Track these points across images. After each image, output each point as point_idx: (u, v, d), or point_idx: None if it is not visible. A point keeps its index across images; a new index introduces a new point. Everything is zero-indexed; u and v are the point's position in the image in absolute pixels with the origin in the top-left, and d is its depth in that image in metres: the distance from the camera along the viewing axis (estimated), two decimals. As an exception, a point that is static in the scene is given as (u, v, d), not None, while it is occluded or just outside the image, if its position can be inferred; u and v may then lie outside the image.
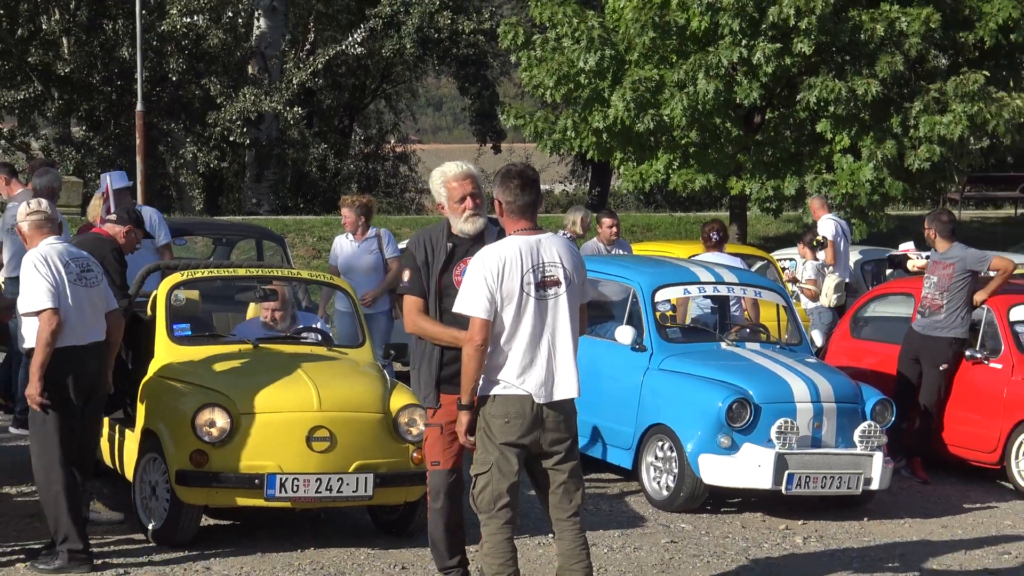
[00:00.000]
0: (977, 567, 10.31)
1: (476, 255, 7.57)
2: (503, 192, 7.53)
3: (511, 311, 7.33)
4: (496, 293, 7.24)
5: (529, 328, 7.37)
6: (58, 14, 33.30)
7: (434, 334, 7.87)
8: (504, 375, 7.41)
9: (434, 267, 7.90)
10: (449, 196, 7.96)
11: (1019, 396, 13.09)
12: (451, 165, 8.18)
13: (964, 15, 24.39)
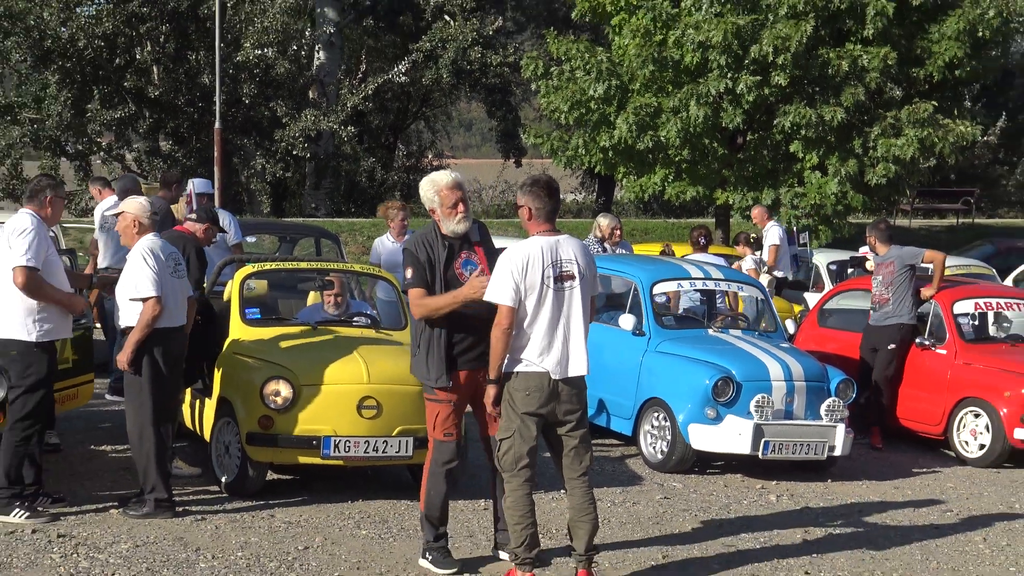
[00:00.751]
0: (924, 523, 10.28)
1: (504, 252, 7.69)
2: (532, 199, 7.61)
3: (533, 300, 7.44)
4: (521, 284, 7.36)
5: (548, 315, 7.49)
6: (150, 46, 33.32)
7: (440, 304, 7.81)
8: (526, 355, 7.53)
9: (437, 265, 7.89)
10: (442, 202, 7.93)
11: (961, 378, 13.16)
12: (442, 175, 8.24)
13: (916, 53, 24.38)
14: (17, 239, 8.62)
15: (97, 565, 7.99)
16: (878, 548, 9.36)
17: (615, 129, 24.14)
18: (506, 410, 7.66)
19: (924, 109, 23.76)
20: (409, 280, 7.87)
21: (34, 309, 8.75)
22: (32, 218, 8.87)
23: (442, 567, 8.08)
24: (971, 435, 12.92)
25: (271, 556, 8.34)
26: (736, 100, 23.48)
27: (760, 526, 9.86)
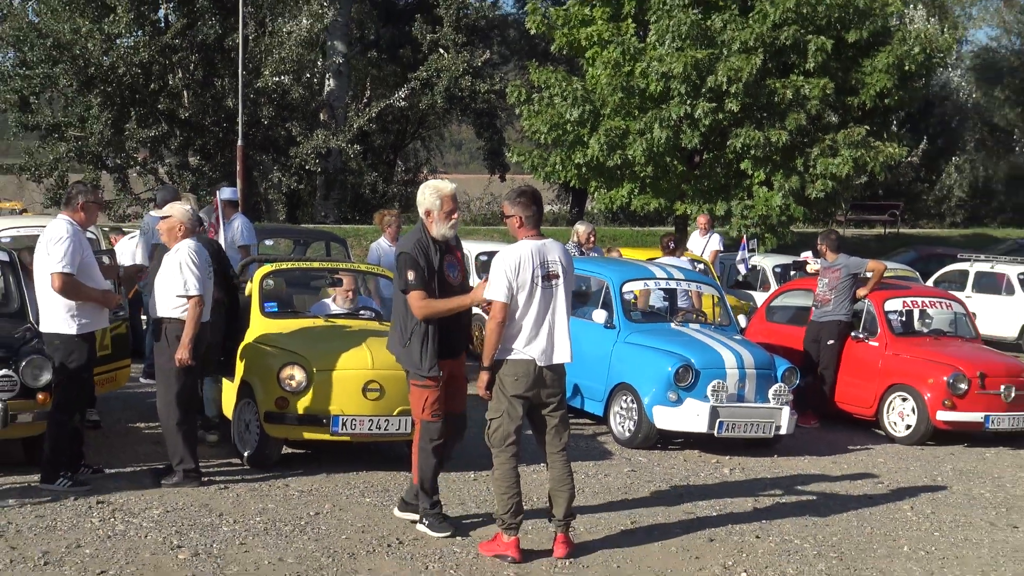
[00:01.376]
0: (859, 493, 10.26)
1: (498, 255, 7.72)
2: (520, 209, 7.65)
3: (524, 296, 7.49)
4: (514, 282, 7.43)
5: (536, 309, 7.55)
6: (181, 73, 33.23)
7: (446, 307, 7.88)
8: (515, 344, 7.58)
9: (435, 268, 7.90)
10: (442, 207, 7.93)
11: (890, 367, 13.19)
12: (445, 183, 8.24)
13: (851, 84, 24.45)
14: (54, 247, 8.57)
15: (132, 528, 7.96)
16: (819, 515, 9.34)
17: (588, 148, 24.20)
18: (496, 393, 7.68)
19: (857, 133, 23.86)
20: (412, 283, 7.79)
21: (73, 306, 8.72)
22: (68, 224, 8.79)
23: (438, 531, 8.05)
24: (899, 416, 12.94)
25: (286, 520, 8.31)
26: (694, 124, 23.52)
27: (716, 495, 9.84)
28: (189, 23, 32.88)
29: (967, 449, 12.61)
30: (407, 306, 7.90)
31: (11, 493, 8.59)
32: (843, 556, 8.23)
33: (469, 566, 7.52)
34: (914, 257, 26.21)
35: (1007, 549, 8.69)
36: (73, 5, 32.40)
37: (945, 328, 14.41)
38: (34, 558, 7.23)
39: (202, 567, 7.23)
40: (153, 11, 33.33)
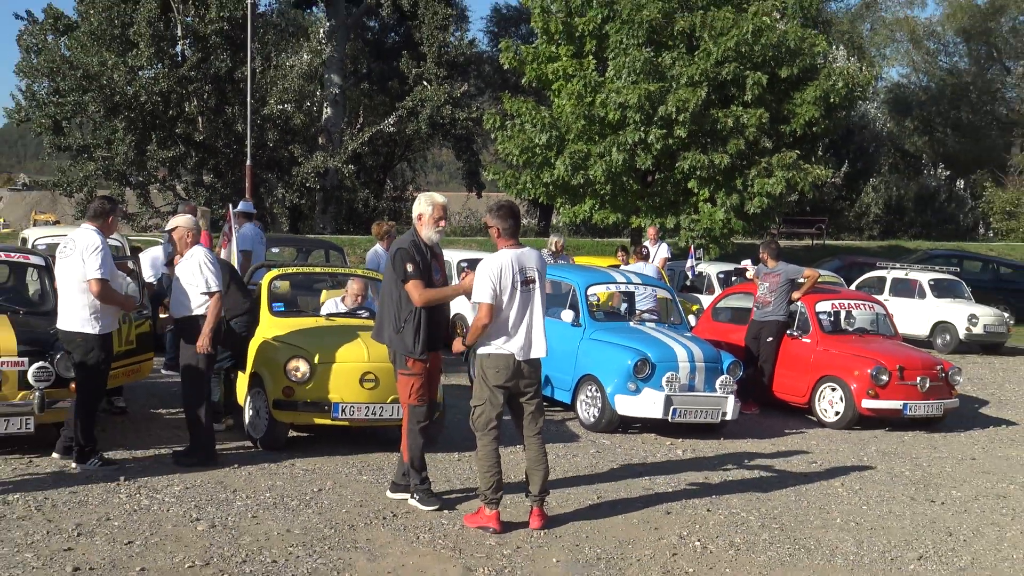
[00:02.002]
0: (795, 471, 10.26)
1: (482, 263, 7.77)
2: (500, 221, 7.72)
3: (505, 298, 7.54)
4: (497, 286, 7.47)
5: (515, 310, 7.59)
6: (196, 101, 33.12)
7: (444, 294, 8.07)
8: (497, 340, 7.61)
9: (427, 265, 7.95)
10: (433, 213, 8.03)
11: (821, 361, 13.22)
12: (437, 195, 8.32)
13: (783, 114, 24.50)
14: (91, 256, 8.47)
15: (155, 503, 7.90)
16: (762, 491, 9.33)
17: (555, 169, 24.17)
18: (479, 383, 7.71)
19: (789, 156, 23.92)
20: (411, 273, 7.81)
21: (97, 308, 8.60)
22: (98, 234, 8.69)
23: (427, 505, 8.03)
24: (829, 404, 12.97)
25: (292, 496, 8.26)
26: (647, 148, 23.52)
27: (670, 473, 9.81)
28: (203, 57, 32.77)
29: (888, 433, 12.64)
30: (402, 296, 7.90)
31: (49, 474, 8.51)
32: (783, 527, 8.21)
33: (455, 536, 7.47)
34: (838, 265, 26.33)
35: (926, 520, 8.69)
36: (100, 40, 32.26)
37: (868, 327, 14.46)
38: (68, 529, 7.17)
39: (218, 537, 7.17)
40: (171, 46, 33.18)
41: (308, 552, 6.98)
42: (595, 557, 7.22)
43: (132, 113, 32.28)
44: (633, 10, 23.81)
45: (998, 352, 21.72)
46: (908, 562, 7.55)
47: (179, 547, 6.94)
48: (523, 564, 6.99)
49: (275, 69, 34.54)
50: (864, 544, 7.90)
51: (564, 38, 25.01)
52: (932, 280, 22.73)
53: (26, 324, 8.93)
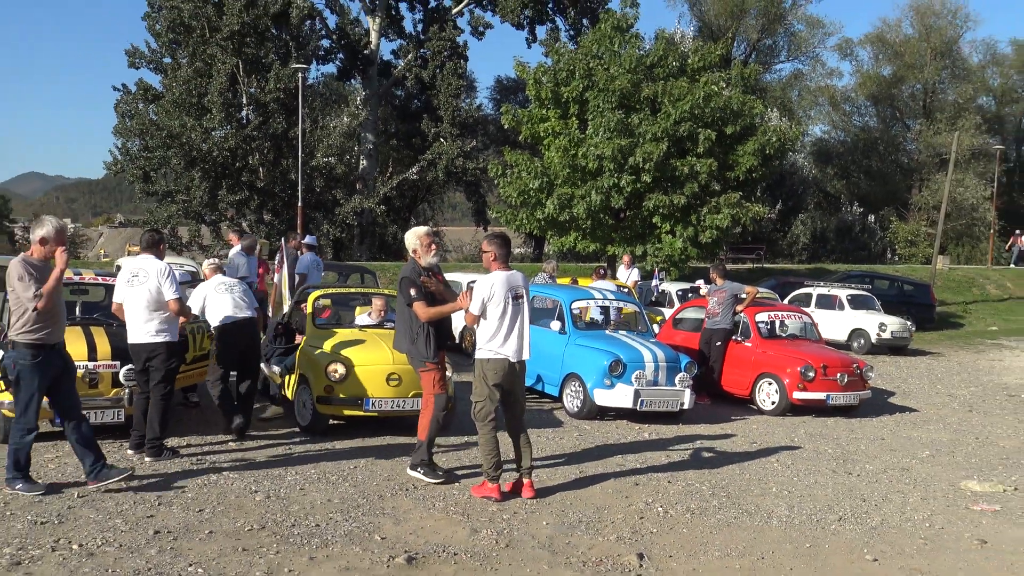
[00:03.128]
0: (739, 450, 10.19)
1: (478, 282, 7.68)
2: (496, 248, 7.72)
3: (499, 311, 7.53)
4: (488, 302, 7.49)
5: (508, 321, 7.56)
6: (257, 155, 33.18)
7: (442, 310, 7.95)
8: (495, 346, 7.54)
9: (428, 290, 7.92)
10: (421, 243, 8.02)
11: (760, 360, 13.18)
12: (421, 228, 8.25)
13: (729, 163, 24.57)
14: (166, 281, 8.29)
15: (221, 478, 7.86)
16: (713, 466, 9.26)
17: (545, 208, 24.28)
18: (480, 383, 7.62)
19: (734, 197, 24.03)
20: (414, 296, 7.85)
21: (169, 320, 8.36)
22: (160, 260, 8.47)
23: (432, 477, 7.99)
24: (767, 396, 12.91)
25: (333, 472, 8.20)
26: (620, 191, 23.59)
27: (638, 451, 9.75)
28: (263, 120, 32.82)
29: (814, 419, 12.56)
30: (412, 314, 7.87)
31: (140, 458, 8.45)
32: (729, 495, 8.14)
33: (464, 504, 7.41)
34: (774, 284, 26.22)
35: (844, 489, 8.62)
36: (181, 107, 32.32)
37: (798, 333, 14.41)
38: (150, 500, 7.13)
39: (272, 506, 7.12)
40: (238, 111, 33.25)
41: (345, 517, 6.92)
42: (577, 520, 7.16)
43: (206, 165, 32.34)
44: (607, 81, 23.93)
45: (903, 353, 21.66)
46: (830, 523, 7.48)
47: (240, 514, 6.89)
48: (519, 526, 6.94)
49: (321, 129, 34.61)
50: (795, 508, 7.83)
51: (552, 103, 25.13)
52: (849, 295, 22.70)
53: (117, 335, 8.90)
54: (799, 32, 55.63)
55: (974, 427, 12.52)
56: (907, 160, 56.16)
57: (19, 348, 6.94)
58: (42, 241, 7.04)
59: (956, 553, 6.91)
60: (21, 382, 6.98)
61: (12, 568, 5.66)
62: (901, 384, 16.52)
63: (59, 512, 6.73)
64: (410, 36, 41.55)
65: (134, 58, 34.96)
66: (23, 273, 6.91)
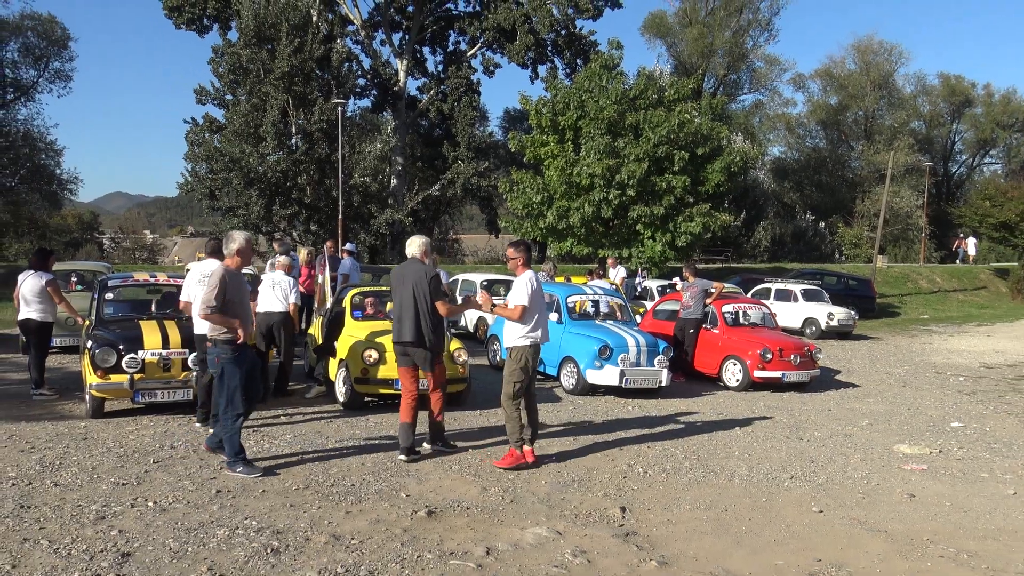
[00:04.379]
0: (707, 419, 10.16)
1: (519, 279, 7.44)
2: (523, 253, 7.59)
3: (537, 302, 7.44)
4: (529, 293, 7.38)
5: (540, 310, 7.48)
6: (305, 176, 33.16)
7: (462, 309, 8.03)
8: (533, 333, 7.42)
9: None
10: (424, 251, 7.60)
11: (726, 344, 13.11)
12: (424, 237, 7.73)
13: (700, 179, 24.50)
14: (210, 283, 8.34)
15: (273, 446, 7.86)
16: (685, 434, 9.24)
17: (546, 218, 24.21)
18: (518, 366, 7.34)
19: (704, 207, 23.96)
20: (443, 293, 7.61)
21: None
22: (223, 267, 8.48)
23: (451, 449, 7.92)
24: (731, 375, 12.85)
25: (366, 441, 8.21)
26: (608, 203, 23.55)
27: (623, 422, 9.73)
28: (309, 146, 32.80)
29: (772, 394, 12.52)
30: (432, 308, 7.40)
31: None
32: (700, 458, 8.12)
33: (476, 467, 7.42)
34: (739, 280, 26.11)
35: (795, 452, 8.60)
36: (240, 136, 32.33)
37: (758, 322, 14.32)
38: (213, 465, 7.13)
39: (315, 469, 7.13)
40: (288, 139, 33.20)
41: (376, 478, 6.92)
42: (570, 479, 7.15)
43: (262, 185, 32.31)
44: (597, 111, 23.89)
45: (848, 338, 21.55)
46: (783, 481, 7.46)
47: (288, 475, 6.90)
48: (522, 485, 6.93)
49: (358, 153, 34.59)
50: (754, 468, 7.81)
51: (551, 130, 25.08)
52: (802, 289, 22.58)
53: (186, 327, 8.93)
54: (759, 68, 55.56)
55: (907, 400, 12.46)
56: (851, 175, 55.95)
57: (220, 345, 6.77)
58: (238, 252, 6.93)
59: (889, 505, 6.89)
60: (225, 375, 6.80)
61: (98, 521, 5.69)
62: (846, 364, 16.44)
63: (137, 475, 6.76)
64: (432, 75, 41.59)
65: (201, 95, 35.02)
66: (218, 284, 6.76)
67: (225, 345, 6.76)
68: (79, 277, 15.25)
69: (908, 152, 50.34)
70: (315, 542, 5.43)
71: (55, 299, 10.13)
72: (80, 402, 9.55)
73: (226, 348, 6.76)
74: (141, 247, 68.59)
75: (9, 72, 38.02)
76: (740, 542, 5.83)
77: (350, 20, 39.97)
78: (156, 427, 8.46)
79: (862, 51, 56.21)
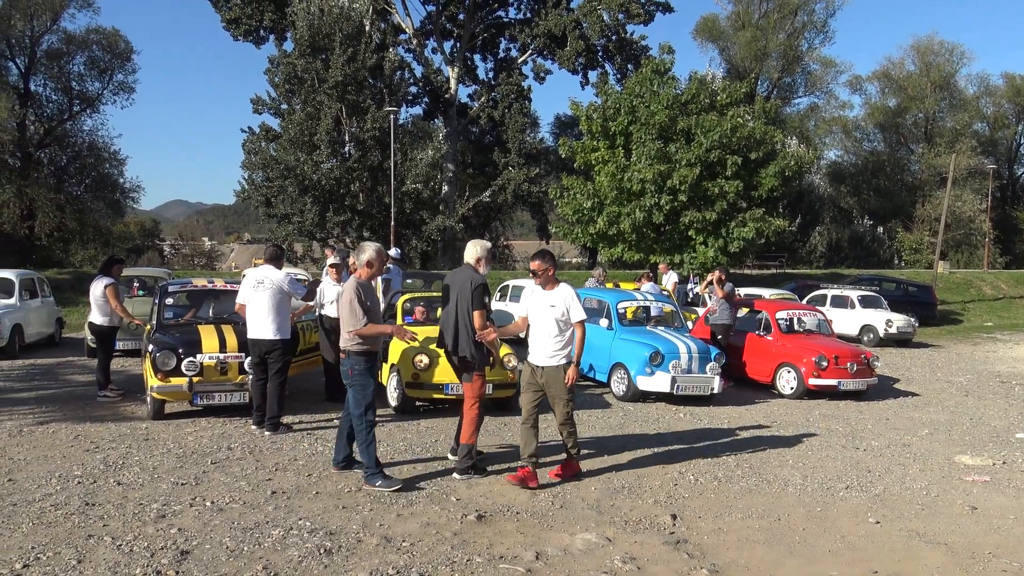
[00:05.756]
0: (761, 428, 10.01)
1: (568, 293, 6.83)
2: (552, 263, 6.91)
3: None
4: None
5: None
6: (358, 183, 33.62)
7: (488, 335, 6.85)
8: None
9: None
10: (485, 257, 7.05)
11: (780, 351, 12.94)
12: (482, 242, 7.18)
13: (753, 184, 24.11)
14: (291, 288, 8.55)
15: (327, 448, 7.94)
16: (738, 441, 9.14)
17: (597, 224, 24.10)
18: (569, 387, 6.85)
19: (758, 213, 23.56)
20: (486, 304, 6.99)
21: (285, 320, 8.54)
22: (280, 271, 8.67)
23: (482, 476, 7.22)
24: (786, 382, 12.66)
25: (418, 445, 8.27)
26: (660, 209, 23.34)
27: (675, 429, 9.66)
28: (362, 154, 33.25)
29: (827, 402, 12.30)
30: (471, 321, 6.90)
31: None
32: (752, 466, 8.02)
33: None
34: (794, 287, 25.72)
35: (852, 462, 8.43)
36: (295, 144, 32.93)
37: (813, 328, 14.11)
38: (269, 466, 7.28)
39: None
40: (341, 147, 33.71)
41: (427, 482, 6.97)
42: (620, 486, 7.12)
43: (316, 192, 32.83)
44: (648, 116, 23.75)
45: (907, 346, 21.06)
46: (839, 490, 7.33)
47: (341, 478, 6.99)
48: (571, 490, 6.93)
49: (410, 161, 34.90)
50: (808, 478, 7.69)
51: (602, 136, 24.99)
52: (859, 296, 22.18)
53: (242, 332, 9.13)
54: (814, 71, 54.67)
55: (969, 409, 12.13)
56: (911, 179, 54.70)
57: (353, 357, 6.68)
58: (368, 264, 6.84)
59: (949, 517, 6.72)
60: (359, 386, 6.72)
61: (158, 519, 5.86)
62: (905, 372, 16.06)
63: (196, 476, 6.94)
64: (483, 82, 41.87)
65: (257, 105, 35.78)
66: (354, 297, 6.62)
67: (359, 357, 6.67)
68: (141, 283, 15.72)
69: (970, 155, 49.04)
70: (367, 543, 5.50)
71: (111, 303, 10.43)
72: (142, 404, 9.83)
73: (360, 360, 6.68)
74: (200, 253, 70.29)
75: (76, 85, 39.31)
76: (793, 552, 5.74)
77: (402, 29, 40.47)
78: (214, 429, 8.66)
79: (922, 52, 54.93)
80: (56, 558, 5.09)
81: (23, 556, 5.11)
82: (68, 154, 39.55)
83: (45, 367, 13.25)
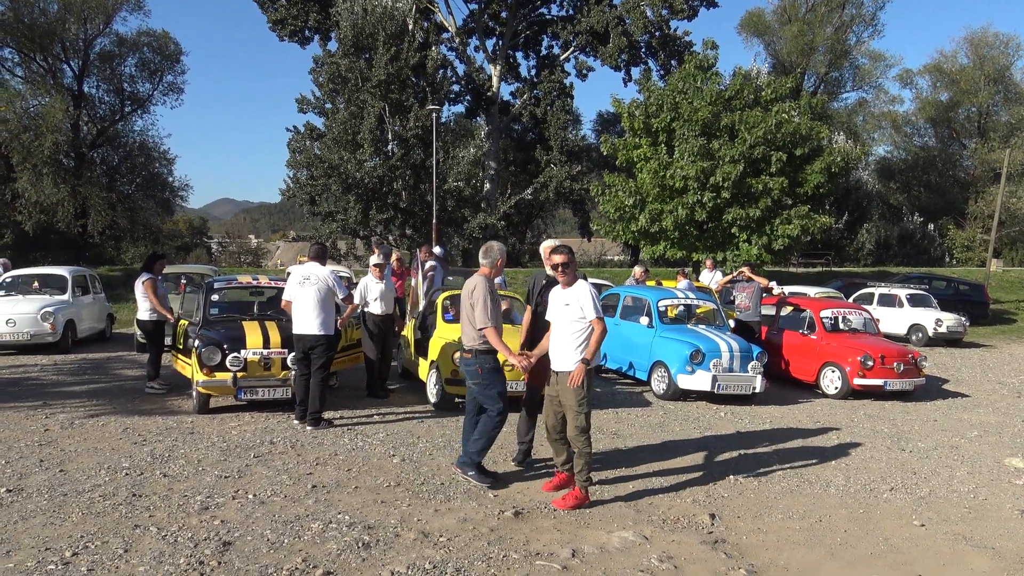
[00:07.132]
0: (804, 427, 9.89)
1: (586, 290, 6.23)
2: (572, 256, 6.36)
3: None
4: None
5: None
6: (401, 182, 33.84)
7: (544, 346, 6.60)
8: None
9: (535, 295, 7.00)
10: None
11: (824, 351, 12.75)
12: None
13: (799, 180, 23.78)
14: (336, 285, 8.66)
15: (366, 444, 8.05)
16: (779, 441, 9.03)
17: (639, 221, 23.96)
18: (586, 392, 6.17)
19: (803, 210, 23.25)
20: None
21: (329, 317, 8.62)
22: (325, 268, 8.78)
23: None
24: (830, 382, 12.48)
25: (456, 441, 8.29)
26: (703, 206, 23.14)
27: (716, 429, 9.58)
28: (405, 152, 33.45)
29: (873, 402, 12.10)
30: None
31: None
32: (793, 466, 7.92)
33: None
34: (840, 285, 25.30)
35: (897, 463, 8.28)
36: (339, 143, 33.27)
37: (858, 327, 13.89)
38: (310, 460, 7.37)
39: (406, 467, 7.27)
40: (384, 146, 33.96)
41: (466, 477, 7.02)
42: (659, 484, 7.08)
43: (360, 190, 33.13)
44: (691, 112, 23.55)
45: (957, 345, 20.58)
46: (882, 492, 7.20)
47: (380, 473, 7.08)
48: (609, 489, 6.90)
49: (452, 159, 35.05)
50: (851, 479, 7.57)
51: (644, 133, 24.85)
52: (908, 294, 21.73)
53: (286, 328, 9.27)
54: (863, 65, 53.58)
55: (1021, 411, 11.82)
56: (963, 175, 53.40)
57: (479, 356, 6.72)
58: (494, 264, 6.85)
59: (997, 521, 6.56)
60: (490, 382, 6.73)
61: (202, 511, 5.99)
62: (955, 373, 15.71)
63: (239, 469, 7.07)
64: (525, 79, 41.82)
65: (302, 104, 36.21)
66: (484, 296, 6.63)
67: (486, 356, 6.70)
68: (188, 279, 16.05)
69: (1026, 149, 47.66)
70: (404, 538, 5.56)
71: (149, 298, 10.63)
72: (188, 398, 10.04)
73: (488, 358, 6.71)
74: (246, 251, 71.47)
75: (127, 86, 40.19)
76: (834, 554, 5.66)
77: (445, 27, 40.63)
78: (257, 423, 8.82)
79: (975, 44, 53.53)
80: (104, 547, 5.23)
81: (72, 544, 5.26)
82: (120, 154, 40.46)
83: (96, 362, 13.61)
